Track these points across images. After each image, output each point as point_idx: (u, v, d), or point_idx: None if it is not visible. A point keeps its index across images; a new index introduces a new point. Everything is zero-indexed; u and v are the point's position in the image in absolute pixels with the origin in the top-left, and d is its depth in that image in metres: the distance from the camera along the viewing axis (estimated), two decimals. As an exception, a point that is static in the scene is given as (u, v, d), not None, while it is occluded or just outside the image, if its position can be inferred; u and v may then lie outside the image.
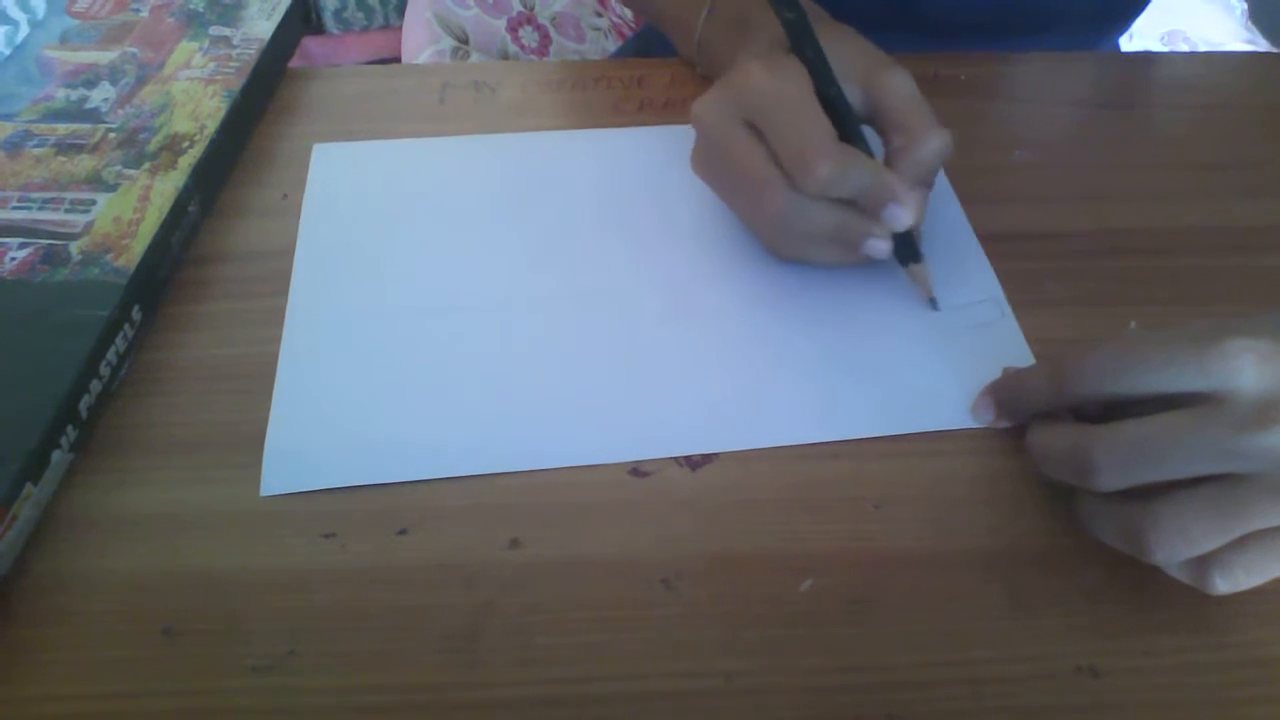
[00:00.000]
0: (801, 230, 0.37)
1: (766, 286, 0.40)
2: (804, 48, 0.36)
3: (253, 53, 0.47)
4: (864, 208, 0.36)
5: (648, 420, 0.35)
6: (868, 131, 0.38)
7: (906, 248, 0.38)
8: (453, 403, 0.36)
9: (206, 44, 0.48)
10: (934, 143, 0.37)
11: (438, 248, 0.41)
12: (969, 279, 0.40)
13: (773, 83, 0.36)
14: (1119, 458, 0.28)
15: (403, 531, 0.32)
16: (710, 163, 0.39)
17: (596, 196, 0.44)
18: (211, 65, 0.47)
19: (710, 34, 0.47)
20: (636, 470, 0.34)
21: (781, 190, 0.36)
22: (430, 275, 0.40)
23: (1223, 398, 0.28)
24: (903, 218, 0.36)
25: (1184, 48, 1.22)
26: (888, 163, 0.37)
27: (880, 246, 0.37)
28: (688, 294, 0.40)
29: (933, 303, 0.39)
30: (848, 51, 0.38)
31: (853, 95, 0.37)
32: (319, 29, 1.44)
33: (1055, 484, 0.33)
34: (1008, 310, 0.39)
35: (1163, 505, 0.28)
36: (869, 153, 0.37)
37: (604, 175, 0.44)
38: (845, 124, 0.37)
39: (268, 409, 0.36)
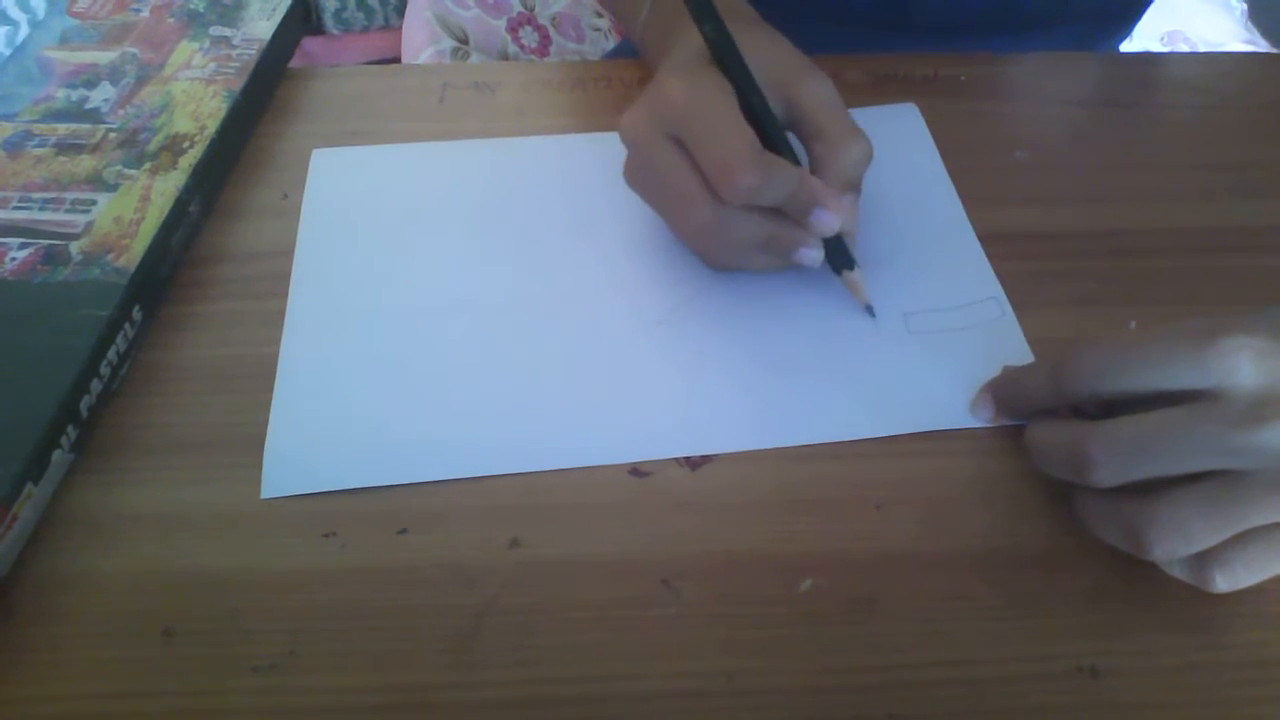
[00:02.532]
0: (730, 241, 0.37)
1: (767, 287, 0.40)
2: (726, 61, 0.36)
3: (253, 53, 0.48)
4: (792, 215, 0.36)
5: (648, 421, 0.35)
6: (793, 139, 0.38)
7: (839, 255, 0.38)
8: (452, 404, 0.36)
9: (207, 44, 0.48)
10: (854, 149, 0.37)
11: (437, 251, 0.41)
12: (969, 278, 0.40)
13: (692, 95, 0.35)
14: (1116, 453, 0.28)
15: (403, 531, 0.32)
16: (639, 176, 0.39)
17: (596, 198, 0.44)
18: (212, 65, 0.47)
19: (647, 36, 0.48)
20: (636, 470, 0.34)
21: (706, 203, 0.36)
22: (429, 278, 0.40)
23: (1220, 394, 0.28)
24: (829, 222, 0.36)
25: (1184, 48, 1.22)
26: (812, 171, 0.37)
27: (811, 255, 0.37)
28: (688, 295, 0.40)
29: (869, 310, 0.39)
30: (769, 58, 0.37)
31: (773, 103, 0.37)
32: (319, 29, 1.44)
33: (1055, 484, 0.33)
34: (1008, 309, 0.39)
35: (1161, 502, 0.28)
36: (795, 161, 0.37)
37: (603, 177, 0.44)
38: (769, 133, 0.36)
39: (268, 409, 0.36)
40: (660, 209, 0.39)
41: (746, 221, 0.36)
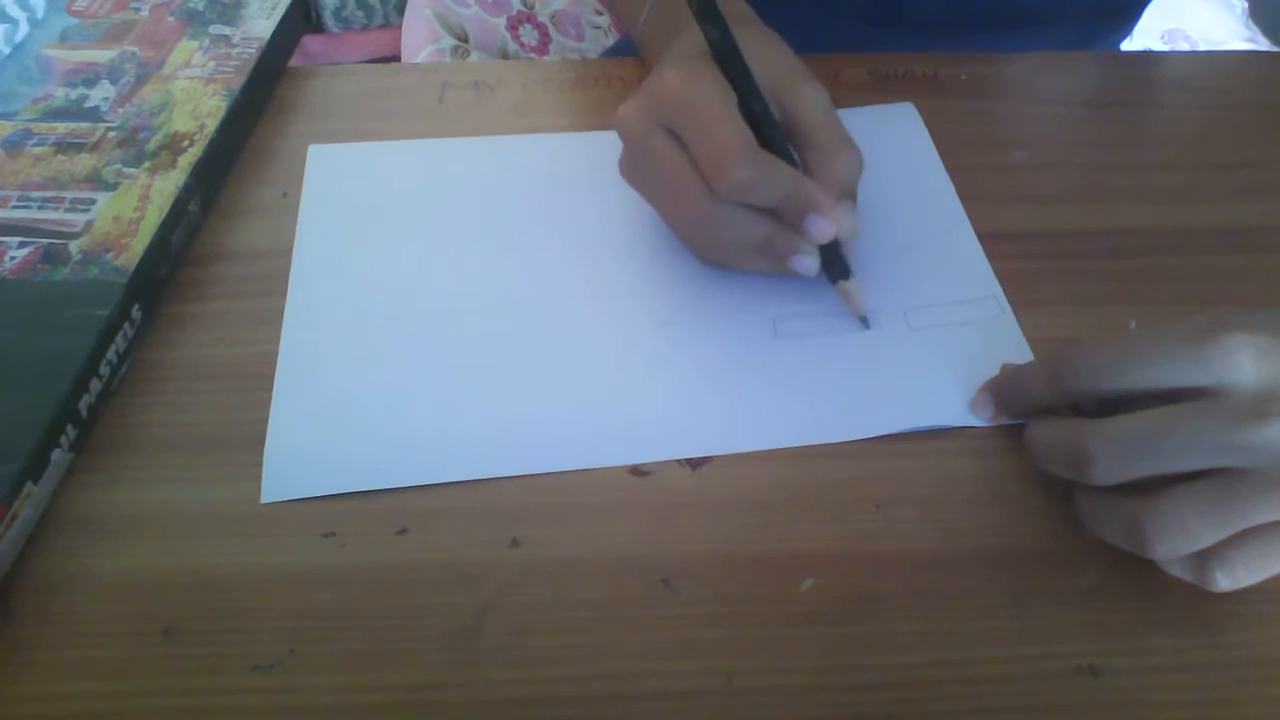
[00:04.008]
0: (724, 239, 0.37)
1: (767, 287, 0.40)
2: (728, 63, 0.36)
3: (253, 51, 0.47)
4: (786, 219, 0.36)
5: (648, 422, 0.35)
6: None
7: (835, 264, 0.38)
8: (452, 405, 0.36)
9: (206, 43, 0.48)
10: (847, 158, 0.36)
11: (435, 250, 0.41)
12: (968, 276, 0.40)
13: (690, 88, 0.35)
14: (1116, 449, 0.28)
15: (403, 531, 0.32)
16: (634, 169, 0.39)
17: (596, 197, 0.44)
18: (211, 64, 0.47)
19: (648, 35, 0.48)
20: (636, 470, 0.34)
21: (700, 196, 0.35)
22: (428, 278, 0.40)
23: (1221, 392, 0.28)
24: (825, 229, 0.35)
25: (1184, 47, 1.22)
26: (809, 177, 0.36)
27: (806, 263, 0.36)
28: (689, 295, 0.39)
29: (864, 321, 0.38)
30: (766, 64, 0.37)
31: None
32: (319, 28, 1.44)
33: (1055, 483, 0.33)
34: (1007, 307, 0.39)
35: (1162, 500, 0.28)
36: (793, 164, 0.36)
37: (604, 176, 0.44)
38: (768, 136, 0.36)
39: (267, 408, 0.36)
40: (655, 202, 0.39)
41: (741, 219, 0.36)
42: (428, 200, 0.44)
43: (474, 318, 0.39)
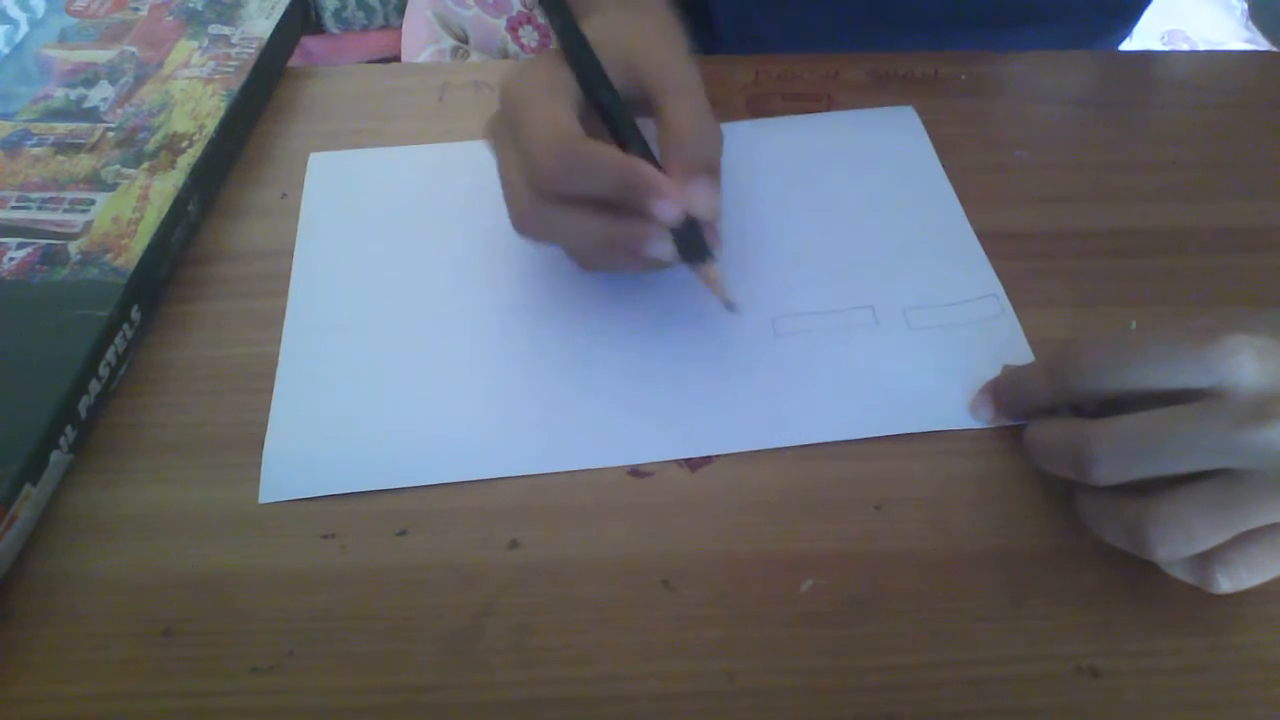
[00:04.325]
0: (563, 238, 0.35)
1: (767, 287, 0.40)
2: (573, 54, 0.35)
3: (252, 52, 0.47)
4: (632, 208, 0.33)
5: (648, 423, 0.35)
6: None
7: (691, 247, 0.34)
8: (452, 406, 0.36)
9: (205, 43, 0.48)
10: (696, 130, 0.34)
11: (435, 252, 0.41)
12: (968, 275, 0.40)
13: (517, 85, 0.34)
14: (1118, 450, 0.28)
15: (403, 532, 0.32)
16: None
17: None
18: (210, 64, 0.47)
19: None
20: (636, 471, 0.34)
21: (523, 194, 0.34)
22: (428, 281, 0.40)
23: (1222, 393, 0.28)
24: (669, 211, 0.33)
25: (1184, 47, 1.22)
26: (662, 159, 0.35)
27: (660, 248, 0.34)
28: (687, 295, 0.39)
29: (730, 305, 0.36)
30: (637, 46, 0.36)
31: (633, 93, 0.35)
32: (319, 28, 1.44)
33: (1056, 483, 0.33)
34: (1008, 307, 0.39)
35: (1164, 501, 0.28)
36: (650, 156, 0.35)
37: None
38: (618, 127, 0.35)
39: (267, 409, 0.35)
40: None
41: (573, 216, 0.34)
42: (428, 204, 0.44)
43: (474, 319, 0.39)
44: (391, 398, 0.36)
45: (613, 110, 0.35)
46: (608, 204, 0.33)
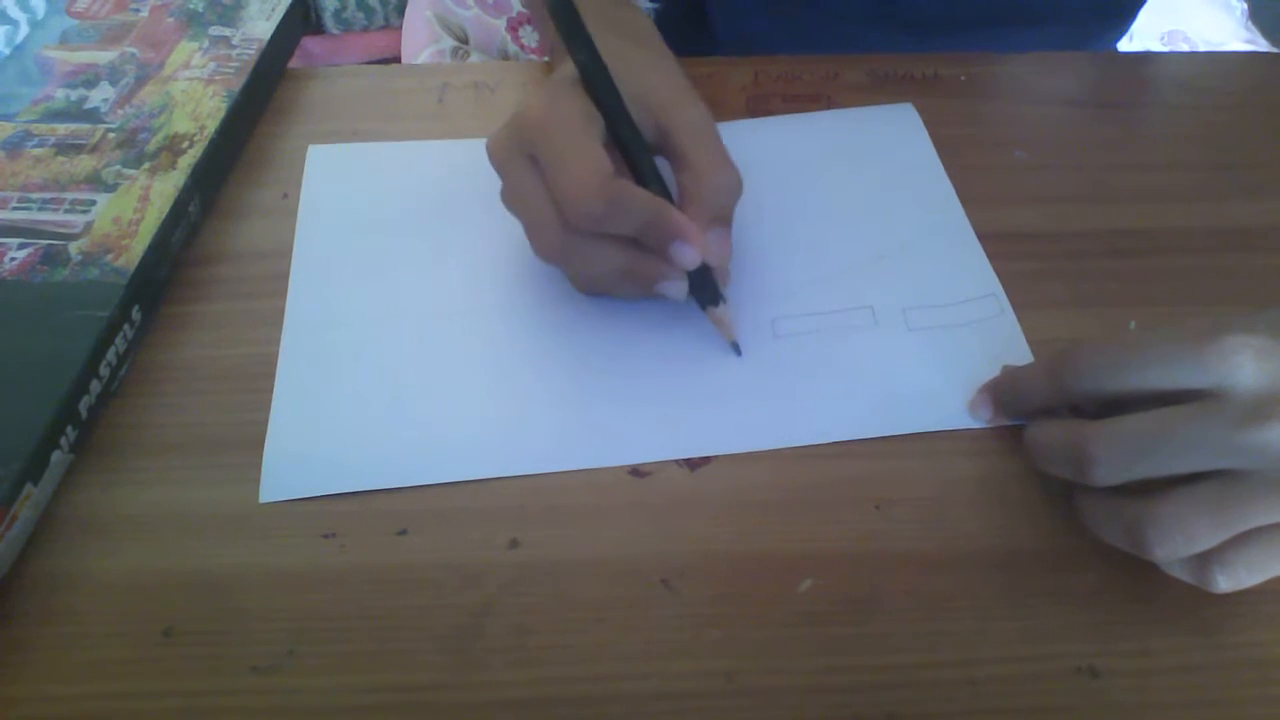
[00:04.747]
0: (586, 270, 0.37)
1: (766, 287, 0.40)
2: (596, 88, 0.35)
3: (252, 53, 0.47)
4: (651, 246, 0.35)
5: (648, 423, 0.35)
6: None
7: (704, 289, 0.37)
8: (452, 406, 0.36)
9: (206, 44, 0.48)
10: (719, 181, 0.35)
11: (435, 251, 0.41)
12: (967, 275, 0.40)
13: (548, 116, 0.34)
14: (1117, 450, 0.28)
15: (403, 532, 0.32)
16: (506, 197, 0.37)
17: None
18: (211, 65, 0.47)
19: (552, 56, 0.47)
20: (636, 471, 0.34)
21: (555, 227, 0.34)
22: (427, 279, 0.40)
23: (1221, 393, 0.28)
24: (689, 256, 0.34)
25: (1184, 48, 1.22)
26: (680, 202, 0.36)
27: (674, 287, 0.36)
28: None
29: (735, 348, 0.37)
30: (646, 84, 0.37)
31: (646, 131, 0.36)
32: (319, 29, 1.44)
33: (1055, 484, 0.33)
34: (1007, 307, 0.39)
35: (1162, 501, 0.28)
36: (665, 192, 0.36)
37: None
38: (637, 163, 0.36)
39: (267, 408, 0.36)
40: (526, 230, 0.37)
41: (599, 249, 0.35)
42: (428, 201, 0.44)
43: (474, 318, 0.39)
44: (391, 397, 0.36)
45: (635, 148, 0.36)
46: (627, 238, 0.35)
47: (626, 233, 0.35)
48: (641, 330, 0.38)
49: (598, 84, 0.35)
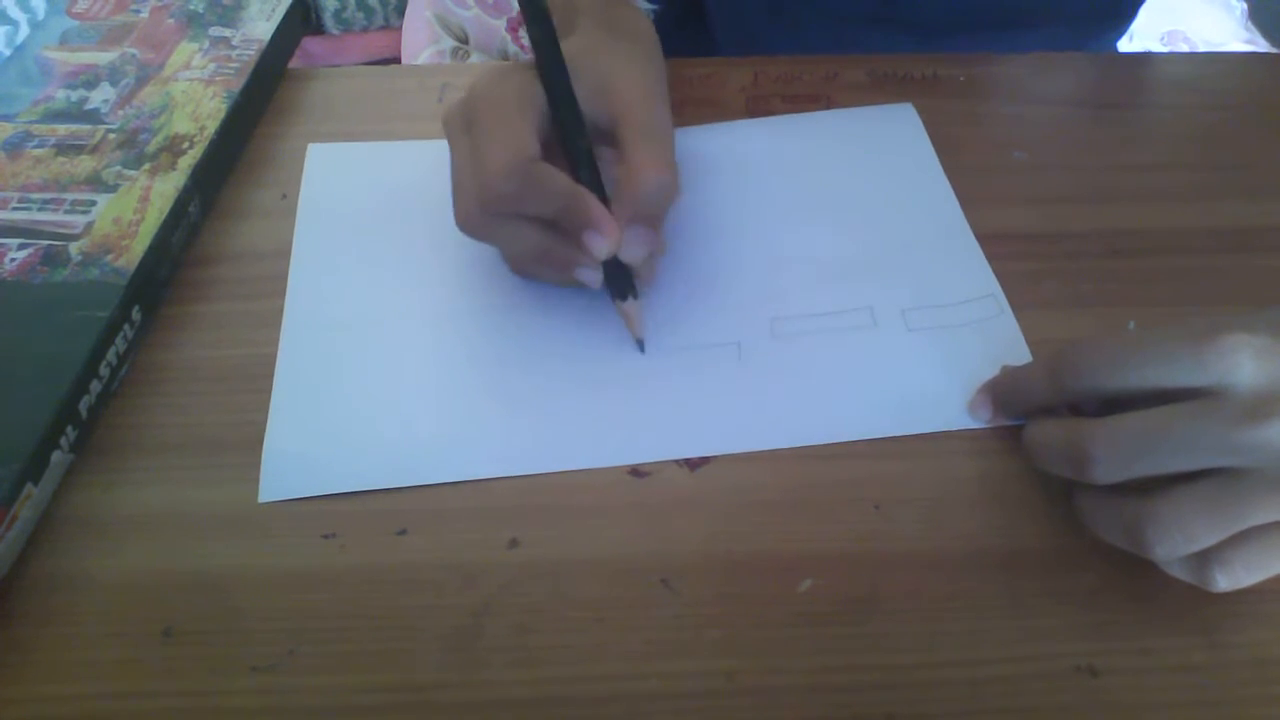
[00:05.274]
0: (505, 248, 0.37)
1: (766, 288, 0.40)
2: (545, 68, 0.35)
3: (252, 53, 0.48)
4: (568, 231, 0.35)
5: (647, 423, 0.35)
6: None
7: (616, 281, 0.36)
8: (452, 406, 0.36)
9: (206, 45, 0.48)
10: (651, 180, 0.35)
11: (435, 251, 0.41)
12: (966, 276, 0.40)
13: (490, 91, 0.34)
14: (1116, 449, 0.28)
15: (403, 531, 0.32)
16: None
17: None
18: (211, 66, 0.47)
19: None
20: (636, 471, 0.34)
21: (472, 201, 0.34)
22: (426, 278, 0.40)
23: (1220, 392, 0.28)
24: (600, 245, 0.34)
25: (1184, 48, 1.22)
26: (614, 195, 0.36)
27: (588, 275, 0.36)
28: (686, 295, 0.39)
29: (640, 345, 0.37)
30: (617, 74, 0.36)
31: (601, 120, 0.36)
32: (319, 29, 1.44)
33: (1055, 483, 0.33)
34: (1006, 307, 0.39)
35: (1162, 500, 0.28)
36: (597, 180, 0.36)
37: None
38: (573, 148, 0.35)
39: (266, 409, 0.36)
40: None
41: (515, 229, 0.35)
42: (427, 201, 0.43)
43: (473, 318, 0.39)
44: (391, 397, 0.36)
45: (572, 134, 0.36)
46: (548, 220, 0.35)
47: (543, 215, 0.35)
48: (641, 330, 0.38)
49: (547, 62, 0.35)
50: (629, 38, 0.40)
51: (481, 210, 0.35)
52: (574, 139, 0.36)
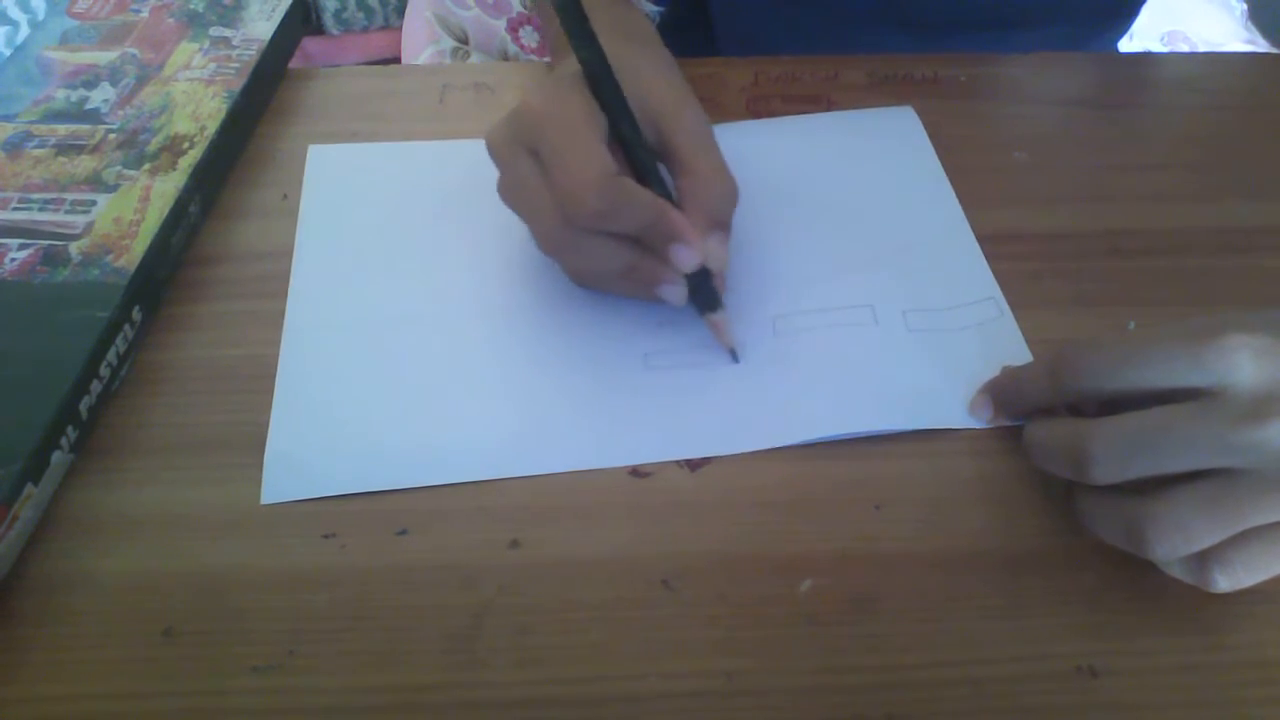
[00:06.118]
0: (586, 266, 0.37)
1: (766, 287, 0.40)
2: (599, 87, 0.35)
3: (253, 53, 0.48)
4: (651, 246, 0.35)
5: (648, 424, 0.35)
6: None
7: (703, 294, 0.36)
8: (452, 407, 0.36)
9: (206, 45, 0.48)
10: (720, 188, 0.35)
11: (436, 252, 0.41)
12: (967, 279, 0.40)
13: (551, 111, 0.34)
14: (1116, 449, 0.28)
15: (403, 532, 0.32)
16: (505, 191, 0.37)
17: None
18: (211, 66, 0.47)
19: (553, 53, 0.47)
20: (636, 471, 0.34)
21: (556, 222, 0.34)
22: (427, 279, 0.40)
23: (1220, 392, 0.28)
24: (689, 258, 0.34)
25: (1184, 48, 1.22)
26: (680, 207, 0.36)
27: (673, 292, 0.36)
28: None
29: (733, 355, 0.37)
30: (647, 87, 0.37)
31: (645, 135, 0.36)
32: (319, 30, 1.44)
33: (1055, 484, 0.33)
34: (1006, 309, 0.39)
35: (1161, 500, 0.28)
36: (666, 194, 0.36)
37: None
38: (638, 162, 0.36)
39: (267, 409, 0.36)
40: (526, 224, 0.37)
41: (600, 246, 0.35)
42: (428, 202, 0.44)
43: (474, 319, 0.39)
44: (392, 398, 0.36)
45: (638, 148, 0.36)
46: (627, 237, 0.35)
47: (628, 231, 0.35)
48: (641, 331, 0.38)
49: (602, 82, 0.35)
50: (646, 45, 0.40)
51: (564, 226, 0.34)
52: (641, 153, 0.36)
